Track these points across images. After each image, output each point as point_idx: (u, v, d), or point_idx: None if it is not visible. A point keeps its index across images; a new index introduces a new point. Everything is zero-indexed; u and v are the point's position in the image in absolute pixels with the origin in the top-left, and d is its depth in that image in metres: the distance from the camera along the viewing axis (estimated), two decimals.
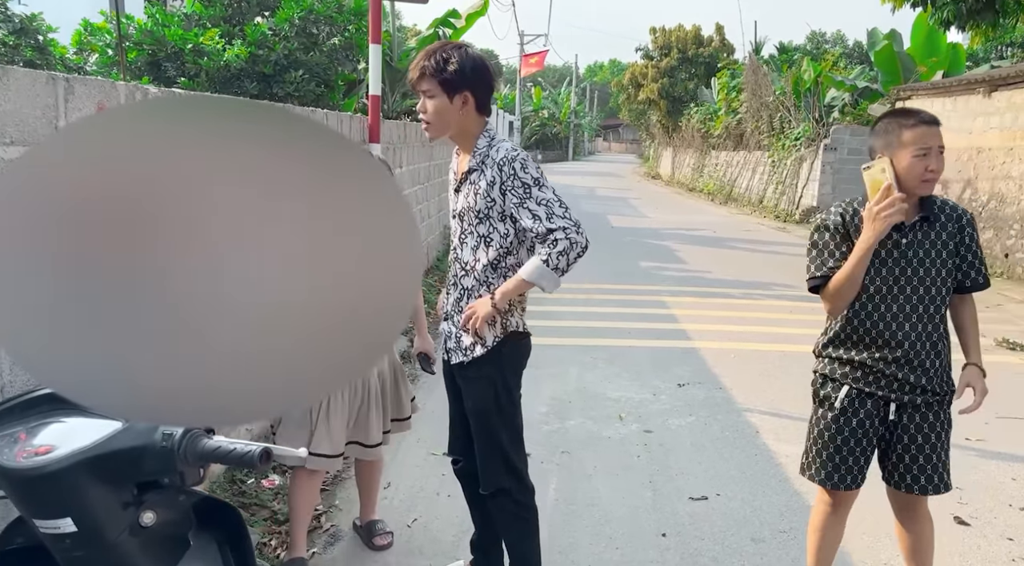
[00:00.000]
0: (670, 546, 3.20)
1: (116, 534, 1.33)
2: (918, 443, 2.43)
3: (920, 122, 2.32)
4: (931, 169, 2.30)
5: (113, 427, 1.31)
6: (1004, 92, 11.06)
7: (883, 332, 2.39)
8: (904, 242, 2.36)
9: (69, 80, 2.29)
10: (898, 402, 2.42)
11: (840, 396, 2.47)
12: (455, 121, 2.39)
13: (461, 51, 2.37)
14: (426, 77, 2.34)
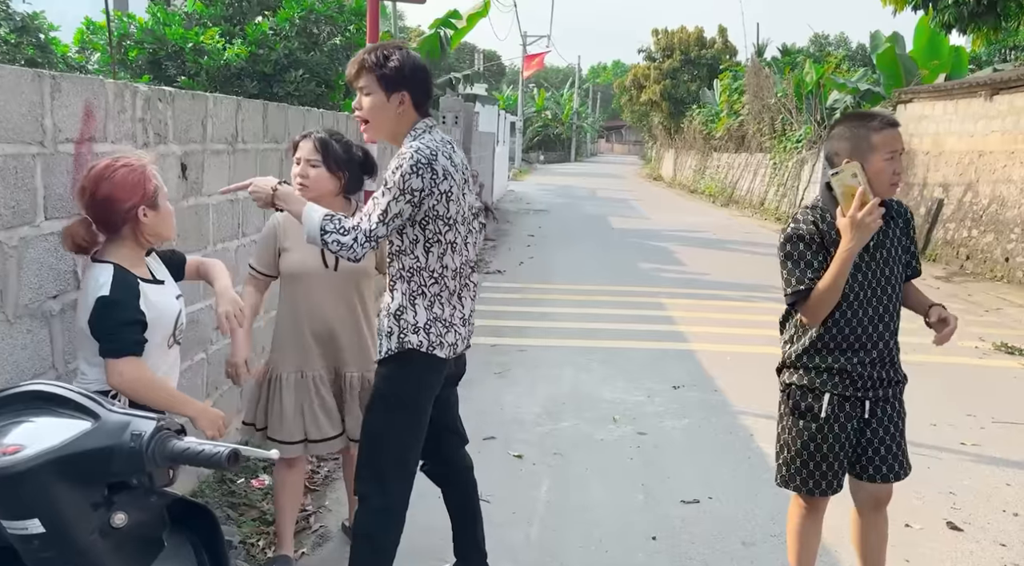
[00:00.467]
0: (660, 549, 3.18)
1: (86, 535, 1.32)
2: (890, 433, 2.46)
3: (886, 125, 2.31)
4: (897, 172, 2.32)
5: (82, 427, 1.29)
6: (1005, 95, 11.03)
7: (860, 335, 2.39)
8: (872, 244, 2.37)
9: (55, 78, 2.28)
10: (872, 400, 2.44)
11: (823, 404, 2.42)
12: (391, 120, 2.32)
13: (402, 51, 2.32)
14: (364, 72, 2.29)
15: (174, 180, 3.07)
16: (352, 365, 2.80)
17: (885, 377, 2.44)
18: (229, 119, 3.53)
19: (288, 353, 2.76)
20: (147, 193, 2.07)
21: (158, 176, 2.13)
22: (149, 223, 2.09)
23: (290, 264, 2.74)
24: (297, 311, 2.75)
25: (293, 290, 2.76)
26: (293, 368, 2.76)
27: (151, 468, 1.28)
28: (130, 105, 2.70)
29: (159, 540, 1.51)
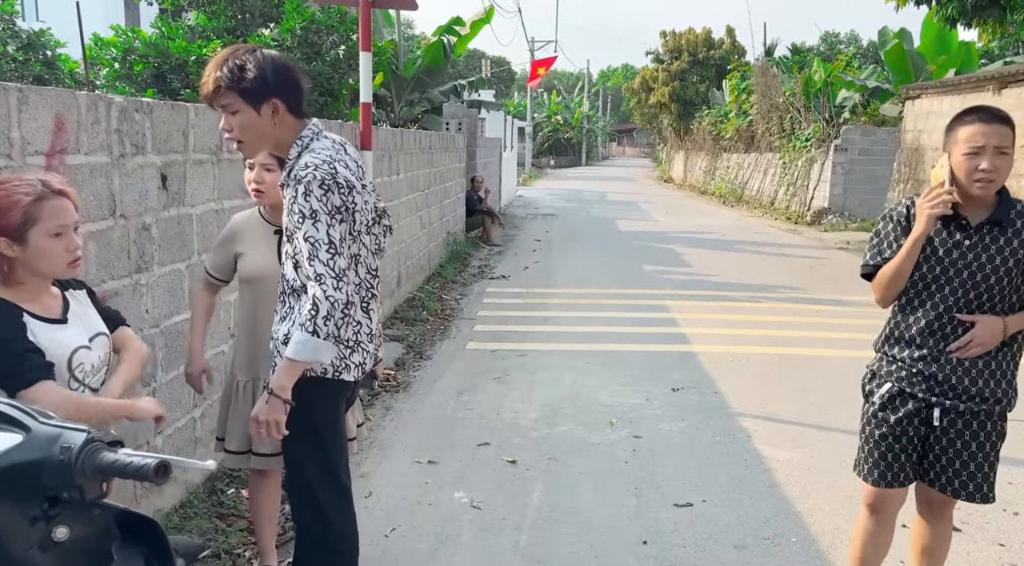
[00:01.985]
0: (650, 554, 3.14)
1: (23, 550, 1.30)
2: (956, 447, 2.37)
3: (978, 120, 2.25)
4: (982, 169, 2.22)
5: (12, 440, 1.28)
6: (1014, 89, 10.87)
7: (927, 334, 2.35)
8: (967, 243, 2.30)
9: (22, 90, 2.29)
10: (941, 407, 2.36)
11: (881, 392, 2.45)
12: (269, 134, 2.11)
13: (256, 54, 2.08)
14: (223, 90, 2.04)
15: (154, 191, 3.07)
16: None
17: (960, 388, 2.34)
18: (212, 129, 3.53)
19: (244, 358, 2.71)
20: (10, 224, 1.79)
21: (39, 208, 1.82)
22: (18, 257, 1.83)
23: (247, 268, 2.68)
24: (254, 315, 2.69)
25: (251, 294, 2.70)
26: (248, 375, 2.70)
27: (80, 481, 1.26)
28: (104, 116, 2.71)
29: (108, 553, 1.50)
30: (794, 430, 4.55)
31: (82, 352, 1.95)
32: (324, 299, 2.00)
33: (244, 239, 2.70)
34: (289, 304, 2.20)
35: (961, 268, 2.30)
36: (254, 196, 2.63)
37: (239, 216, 2.77)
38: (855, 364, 5.93)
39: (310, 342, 2.02)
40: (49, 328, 1.90)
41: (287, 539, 3.21)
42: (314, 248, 2.02)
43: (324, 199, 2.03)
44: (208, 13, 9.67)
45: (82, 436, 1.26)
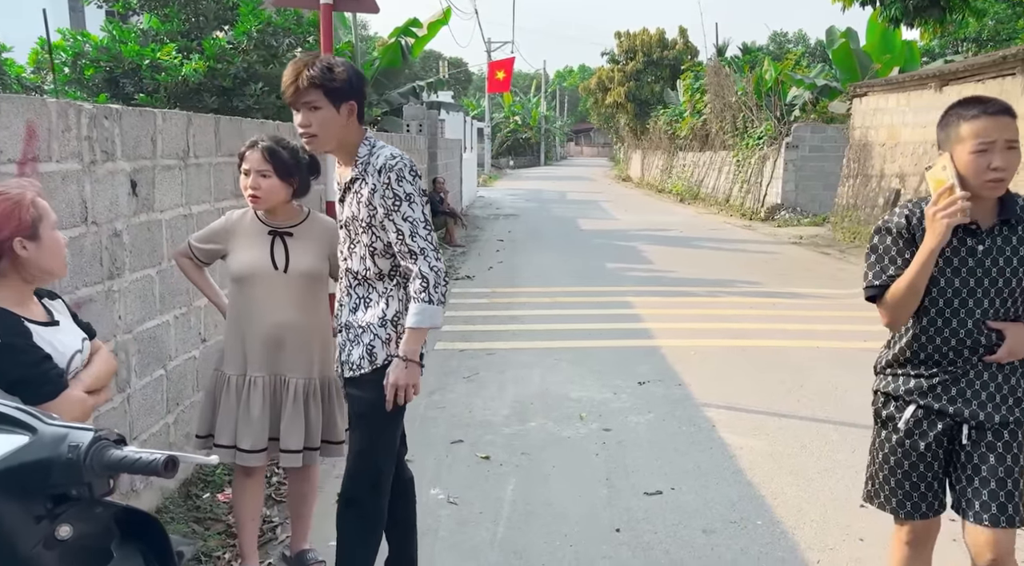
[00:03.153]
0: (623, 541, 3.24)
1: (29, 548, 1.33)
2: (989, 464, 2.15)
3: (982, 113, 2.06)
4: (994, 167, 2.03)
5: (19, 441, 1.31)
6: (954, 86, 11.31)
7: (953, 348, 2.16)
8: (981, 249, 2.12)
9: None
10: (972, 423, 2.17)
11: (905, 416, 2.22)
12: (341, 132, 2.33)
13: (338, 61, 2.32)
14: (312, 88, 2.25)
15: (124, 197, 3.08)
16: (297, 371, 2.76)
17: (989, 401, 2.15)
18: (180, 135, 3.54)
19: (233, 353, 2.76)
20: (23, 223, 1.86)
21: (41, 204, 1.91)
22: (30, 257, 1.88)
23: (239, 265, 2.74)
24: (245, 312, 2.74)
25: (242, 291, 2.75)
26: (236, 369, 2.75)
27: (90, 478, 1.30)
28: (75, 124, 2.71)
29: (107, 551, 1.53)
30: (756, 418, 4.71)
31: (78, 356, 1.98)
32: (430, 270, 2.28)
33: (237, 237, 2.76)
34: (359, 294, 2.42)
35: (981, 276, 2.12)
36: (250, 201, 2.67)
37: (235, 214, 2.82)
38: (811, 353, 6.17)
39: (428, 310, 2.28)
40: (47, 331, 1.93)
41: (266, 541, 3.24)
42: (413, 227, 2.28)
43: (414, 184, 2.32)
44: (161, 16, 9.53)
45: (89, 435, 1.30)
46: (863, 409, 4.77)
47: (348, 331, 2.44)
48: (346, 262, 2.46)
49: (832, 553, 3.15)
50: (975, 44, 21.44)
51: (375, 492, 2.47)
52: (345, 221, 2.44)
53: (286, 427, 2.76)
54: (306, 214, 2.82)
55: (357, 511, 2.48)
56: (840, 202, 14.80)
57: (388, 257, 2.37)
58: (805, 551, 3.16)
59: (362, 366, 2.39)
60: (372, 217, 2.33)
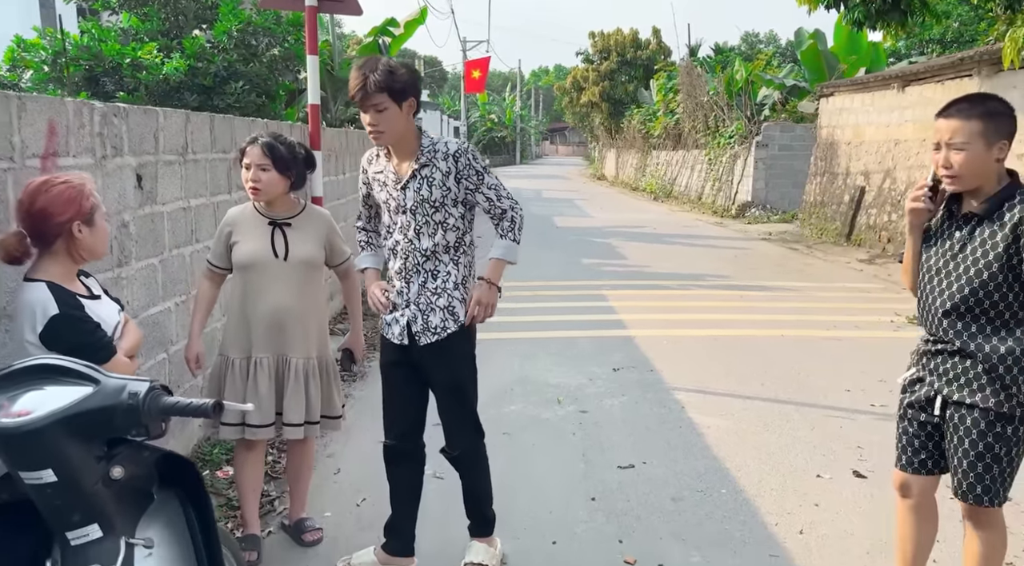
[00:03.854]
0: (599, 508, 3.51)
1: (90, 484, 1.56)
2: (964, 447, 2.28)
3: (941, 114, 2.25)
4: (940, 165, 2.22)
5: (85, 391, 1.54)
6: (916, 87, 11.77)
7: (926, 317, 2.38)
8: (957, 235, 2.29)
9: (21, 98, 2.48)
10: (946, 398, 2.33)
11: (906, 374, 2.49)
12: (403, 126, 2.66)
13: (395, 62, 2.63)
14: (378, 91, 2.54)
15: (130, 190, 3.27)
16: (298, 351, 2.98)
17: (954, 380, 2.31)
18: (179, 131, 3.73)
19: (237, 338, 2.97)
20: (83, 209, 2.11)
21: (96, 195, 2.18)
22: (84, 239, 2.12)
23: (241, 255, 2.94)
24: (247, 297, 2.95)
25: (245, 278, 2.96)
26: (241, 352, 2.96)
27: (147, 421, 1.53)
28: (88, 121, 2.91)
29: (150, 493, 1.76)
30: (722, 400, 5.01)
31: (118, 327, 2.23)
32: (517, 216, 2.80)
33: (239, 229, 2.96)
34: (428, 268, 2.76)
35: (949, 259, 2.29)
36: (251, 193, 2.88)
37: (234, 209, 3.04)
38: (776, 341, 6.50)
39: (512, 247, 2.81)
40: (94, 304, 2.17)
41: (265, 512, 3.45)
42: (497, 191, 2.78)
43: (483, 160, 2.82)
44: (140, 15, 9.62)
45: (145, 385, 1.53)
46: (823, 391, 5.14)
47: (419, 304, 2.77)
48: (412, 242, 2.73)
49: (789, 517, 3.44)
50: (940, 45, 22.07)
51: (478, 433, 2.95)
52: (411, 206, 2.69)
53: (289, 403, 2.99)
54: (303, 206, 3.04)
55: (472, 457, 2.95)
56: (808, 199, 15.24)
57: (456, 230, 2.76)
58: (765, 515, 3.45)
59: (447, 327, 2.77)
60: (445, 196, 2.71)
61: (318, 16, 15.56)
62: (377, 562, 3.00)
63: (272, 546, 3.20)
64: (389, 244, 2.82)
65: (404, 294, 2.78)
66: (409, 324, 2.78)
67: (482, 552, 2.99)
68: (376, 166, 2.82)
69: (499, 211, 2.78)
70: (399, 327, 2.80)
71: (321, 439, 4.28)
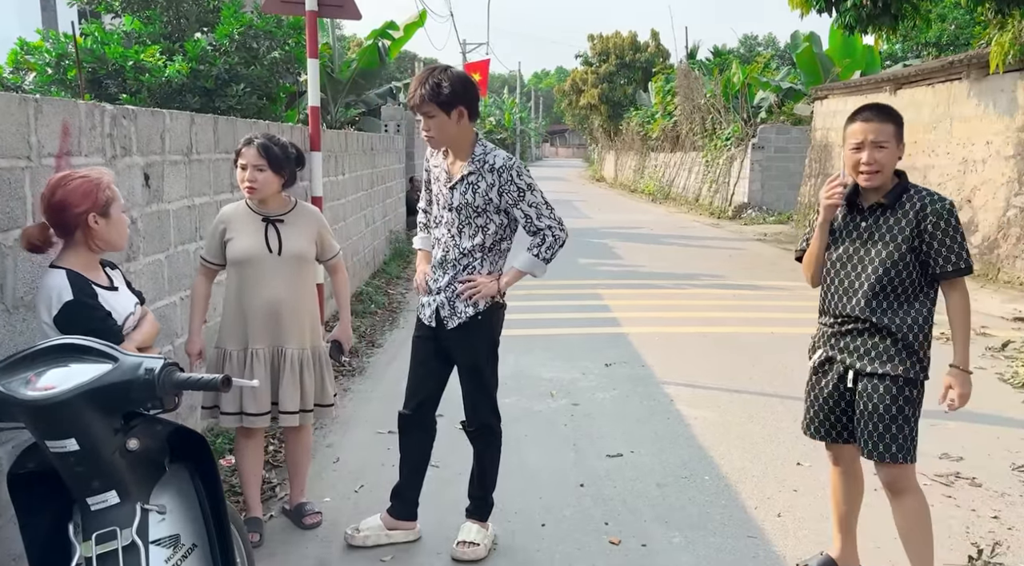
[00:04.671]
0: (587, 493, 3.66)
1: (109, 453, 1.71)
2: (868, 411, 2.57)
3: (860, 118, 2.54)
4: (863, 162, 2.50)
5: (104, 368, 1.69)
6: (907, 90, 11.94)
7: (839, 302, 2.66)
8: (864, 224, 2.59)
9: (38, 101, 2.63)
10: (858, 370, 2.60)
11: (815, 357, 2.77)
12: (454, 133, 2.88)
13: (448, 73, 2.83)
14: (426, 102, 2.79)
15: (139, 189, 3.43)
16: (292, 342, 3.12)
17: (866, 352, 2.59)
18: (184, 133, 3.89)
19: (233, 330, 3.10)
20: (98, 201, 2.24)
21: (114, 189, 2.30)
22: (100, 230, 2.25)
23: (236, 250, 3.06)
24: (243, 291, 3.08)
25: (240, 273, 3.08)
26: (238, 345, 3.09)
27: (161, 394, 1.68)
28: (99, 122, 3.06)
29: (162, 465, 1.91)
30: (710, 394, 5.16)
31: (131, 318, 2.37)
32: (552, 236, 2.96)
33: (233, 226, 3.09)
34: (463, 264, 2.99)
35: (859, 246, 2.58)
36: (247, 192, 3.02)
37: (228, 208, 3.17)
38: (765, 337, 6.65)
39: (533, 260, 2.99)
40: (109, 294, 2.31)
41: (266, 498, 3.60)
42: (538, 209, 2.93)
43: (530, 176, 2.95)
44: (143, 18, 9.78)
45: (160, 361, 1.68)
46: None
47: (447, 293, 3.00)
48: (454, 239, 2.98)
49: (769, 502, 3.59)
50: (936, 48, 22.25)
51: (496, 415, 3.17)
52: (458, 206, 2.92)
53: (285, 392, 3.13)
54: (294, 203, 3.18)
55: (487, 435, 3.17)
56: (803, 200, 15.40)
57: (495, 235, 2.96)
58: (745, 500, 3.60)
59: (467, 312, 2.99)
60: (487, 205, 2.90)
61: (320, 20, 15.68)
62: (383, 526, 3.22)
63: (273, 528, 3.34)
64: (436, 235, 3.09)
65: (438, 282, 3.04)
66: (438, 309, 3.04)
67: (474, 532, 3.15)
68: (436, 160, 3.08)
69: (535, 229, 2.94)
70: (430, 310, 3.08)
71: (320, 430, 4.44)
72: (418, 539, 3.26)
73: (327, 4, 6.05)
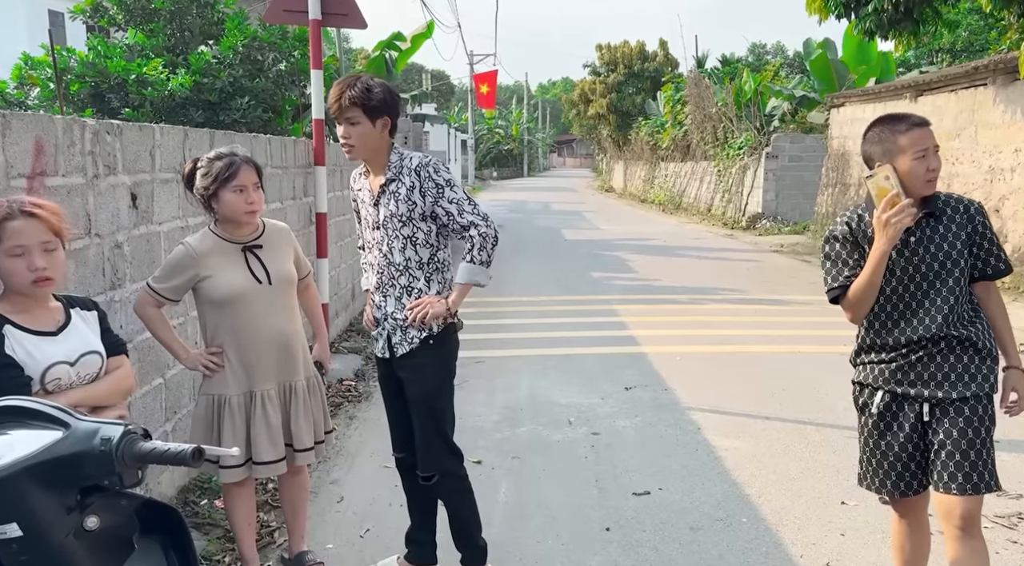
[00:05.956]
0: (613, 539, 3.34)
1: (61, 537, 1.42)
2: (953, 438, 2.34)
3: (913, 126, 2.36)
4: (932, 169, 2.35)
5: (54, 436, 1.40)
6: (928, 96, 11.62)
7: (904, 330, 2.40)
8: (912, 240, 2.38)
9: (5, 116, 2.37)
10: (932, 401, 2.39)
11: (876, 401, 2.47)
12: (375, 143, 2.68)
13: (376, 81, 2.65)
14: (353, 106, 2.59)
15: (125, 210, 3.16)
16: (298, 374, 2.88)
17: (942, 378, 2.38)
18: (176, 149, 3.62)
19: (235, 375, 2.78)
20: None
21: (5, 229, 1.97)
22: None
23: (221, 289, 2.73)
24: (240, 332, 2.76)
25: (231, 313, 2.75)
26: (240, 389, 2.79)
27: (120, 469, 1.39)
28: (79, 139, 2.79)
29: (130, 542, 1.62)
30: (739, 421, 4.84)
31: (60, 367, 2.03)
32: (478, 235, 2.68)
33: (207, 263, 2.72)
34: (403, 283, 2.75)
35: (919, 264, 2.37)
36: (250, 216, 2.73)
37: (193, 240, 2.77)
38: (792, 357, 6.32)
39: (472, 268, 2.70)
40: (34, 339, 2.00)
41: (264, 545, 3.31)
42: (459, 206, 2.69)
43: (448, 173, 2.72)
44: (146, 32, 9.59)
45: (120, 428, 1.39)
46: (843, 411, 4.95)
47: (395, 318, 2.76)
48: (386, 257, 2.73)
49: (814, 548, 3.27)
50: (949, 55, 21.93)
51: (454, 455, 2.86)
52: (382, 221, 2.70)
53: (299, 428, 2.88)
54: (263, 225, 2.87)
55: (448, 480, 2.85)
56: (820, 210, 15.06)
57: (427, 247, 2.72)
58: (788, 546, 3.28)
59: (418, 337, 2.74)
60: (412, 211, 2.68)
61: (326, 31, 15.60)
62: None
63: None
64: (369, 260, 2.87)
65: (382, 308, 2.81)
66: (389, 337, 2.80)
67: None
68: (358, 184, 2.87)
69: (459, 227, 2.69)
70: (382, 341, 2.84)
71: (324, 463, 4.15)
72: None
73: (331, 13, 5.82)
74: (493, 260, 2.76)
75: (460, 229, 2.70)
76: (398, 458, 3.00)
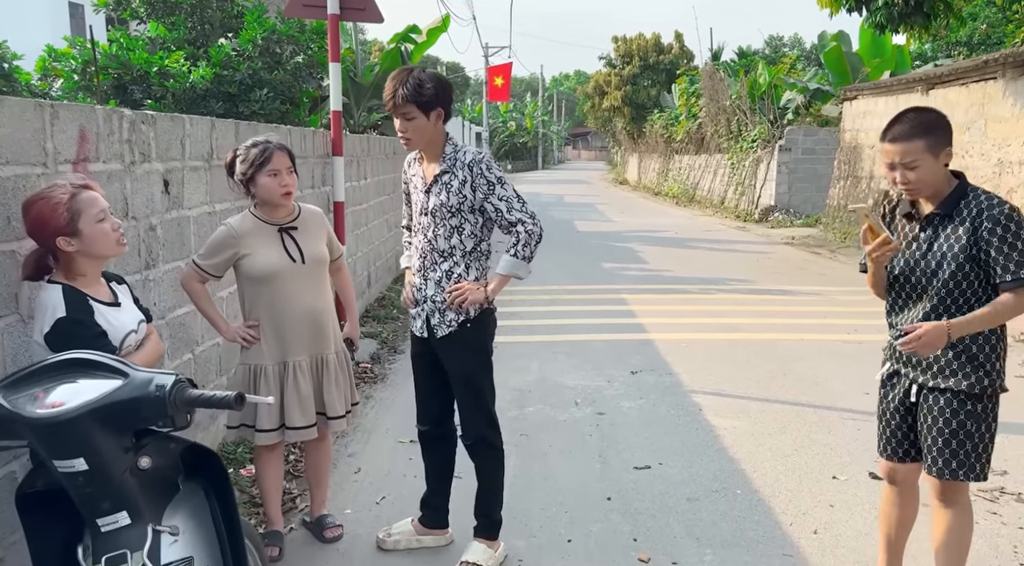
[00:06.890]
0: (614, 507, 3.54)
1: (119, 473, 1.64)
2: (936, 425, 2.46)
3: (888, 139, 2.41)
4: (898, 182, 2.42)
5: (114, 384, 1.61)
6: (940, 90, 11.65)
7: (902, 314, 2.57)
8: (923, 235, 2.47)
9: (54, 106, 2.59)
10: (922, 385, 2.51)
11: (882, 370, 2.67)
12: (430, 135, 2.83)
13: (427, 74, 2.78)
14: (407, 102, 2.73)
15: (158, 195, 3.38)
16: (329, 347, 3.10)
17: (928, 369, 2.49)
18: (205, 138, 3.84)
19: (270, 346, 3.00)
20: (58, 224, 2.06)
21: (79, 201, 2.11)
22: (75, 251, 2.10)
23: (258, 267, 2.93)
24: (275, 307, 2.97)
25: (268, 289, 2.96)
26: (275, 359, 3.00)
27: (172, 412, 1.60)
28: (118, 128, 3.01)
29: (175, 484, 1.84)
30: (740, 403, 5.02)
31: (132, 335, 2.26)
32: (524, 232, 2.83)
33: (247, 242, 2.94)
34: (444, 268, 2.92)
35: (920, 258, 2.46)
36: (285, 197, 2.93)
37: (234, 221, 2.99)
38: (796, 345, 6.48)
39: (513, 262, 2.85)
40: (109, 310, 2.20)
41: (287, 510, 3.53)
42: (508, 203, 2.84)
43: (499, 170, 2.89)
44: (168, 24, 9.83)
45: (172, 377, 1.61)
46: (841, 394, 5.12)
47: (435, 300, 2.93)
48: (431, 243, 2.92)
49: (804, 517, 3.45)
50: (967, 48, 21.82)
51: (493, 428, 3.03)
52: (432, 209, 2.86)
53: (331, 398, 3.10)
54: (299, 209, 3.09)
55: (484, 449, 3.03)
56: (831, 203, 15.12)
57: (472, 237, 2.89)
58: (779, 515, 3.46)
59: (457, 320, 2.90)
60: (462, 204, 2.84)
61: (341, 24, 15.80)
62: (414, 531, 3.22)
63: (294, 542, 3.27)
64: (415, 243, 3.03)
65: (422, 290, 2.98)
66: (428, 318, 2.96)
67: (480, 552, 3.03)
68: (412, 169, 3.02)
69: (506, 223, 2.84)
70: (420, 321, 3.01)
71: (342, 438, 4.37)
72: (450, 543, 3.23)
73: (349, 7, 6.01)
74: (535, 255, 2.90)
75: (508, 225, 2.84)
76: (422, 431, 3.18)
